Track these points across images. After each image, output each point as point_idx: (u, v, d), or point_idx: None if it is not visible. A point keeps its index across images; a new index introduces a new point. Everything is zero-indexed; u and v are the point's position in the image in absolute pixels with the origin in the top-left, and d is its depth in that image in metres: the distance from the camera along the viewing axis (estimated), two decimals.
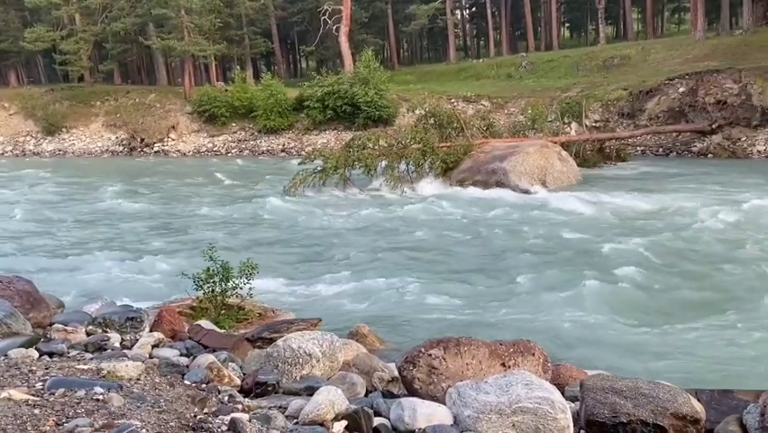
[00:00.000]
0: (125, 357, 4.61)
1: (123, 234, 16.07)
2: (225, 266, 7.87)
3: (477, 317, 9.21)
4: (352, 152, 22.15)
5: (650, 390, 3.80)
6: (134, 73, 58.73)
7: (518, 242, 13.86)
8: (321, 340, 4.80)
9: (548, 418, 3.61)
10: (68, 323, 5.40)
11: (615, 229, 14.51)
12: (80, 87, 46.48)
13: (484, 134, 24.11)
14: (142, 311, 5.75)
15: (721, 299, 9.56)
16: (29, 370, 4.12)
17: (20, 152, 41.50)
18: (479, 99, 36.79)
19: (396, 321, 9.11)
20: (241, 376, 4.63)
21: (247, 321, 7.88)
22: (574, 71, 39.98)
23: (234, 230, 16.23)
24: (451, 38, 55.34)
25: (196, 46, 42.78)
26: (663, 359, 7.54)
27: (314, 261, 13.02)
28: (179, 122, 41.18)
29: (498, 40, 59.51)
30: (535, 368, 4.52)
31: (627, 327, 8.62)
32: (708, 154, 27.47)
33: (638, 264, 11.61)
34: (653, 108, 30.14)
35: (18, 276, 5.95)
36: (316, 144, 34.97)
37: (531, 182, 20.32)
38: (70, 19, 48.20)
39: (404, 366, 4.40)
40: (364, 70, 36.49)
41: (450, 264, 12.19)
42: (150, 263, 12.71)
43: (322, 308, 9.44)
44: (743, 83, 27.39)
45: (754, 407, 3.64)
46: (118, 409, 3.50)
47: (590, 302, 9.58)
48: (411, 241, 14.42)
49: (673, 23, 68.52)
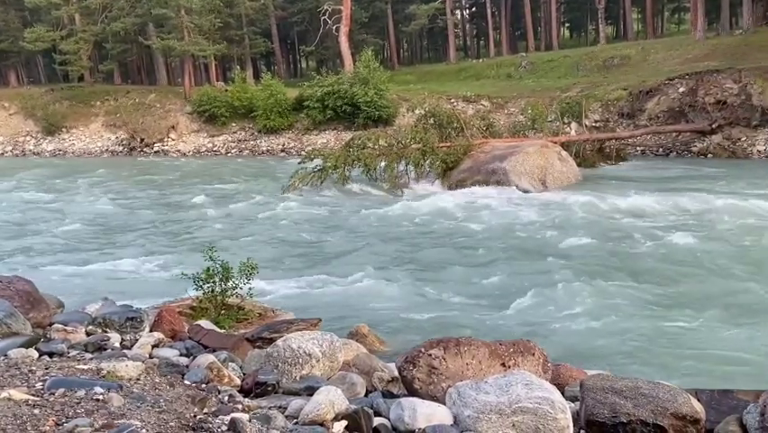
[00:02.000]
0: (125, 357, 4.61)
1: (122, 234, 16.07)
2: (225, 266, 7.86)
3: (477, 317, 9.21)
4: (351, 151, 22.16)
5: (650, 390, 3.80)
6: (134, 73, 58.74)
7: (518, 242, 13.86)
8: (321, 340, 4.80)
9: (548, 418, 3.61)
10: (68, 323, 5.39)
11: (615, 229, 14.51)
12: (80, 87, 46.47)
13: (484, 134, 24.11)
14: (142, 311, 5.75)
15: (722, 299, 9.55)
16: (29, 370, 4.12)
17: (20, 152, 41.50)
18: (479, 99, 36.79)
19: (396, 321, 9.12)
20: (241, 376, 4.63)
21: (247, 321, 7.88)
22: (574, 71, 39.99)
23: (234, 230, 16.23)
24: (451, 38, 55.35)
25: (196, 46, 42.78)
26: (663, 359, 7.54)
27: (314, 261, 13.01)
28: (179, 122, 41.18)
29: (498, 40, 59.52)
30: (535, 368, 4.52)
31: (627, 327, 8.61)
32: (708, 154, 27.48)
33: (638, 264, 11.62)
34: (653, 108, 30.15)
35: (18, 276, 5.94)
36: (316, 144, 34.98)
37: (531, 182, 20.32)
38: (70, 19, 48.20)
39: (404, 366, 4.40)
40: (364, 70, 36.49)
41: (450, 264, 12.18)
42: (150, 263, 12.71)
43: (322, 308, 9.43)
44: (743, 83, 27.39)
45: (754, 407, 3.64)
46: (118, 409, 3.50)
47: (590, 302, 9.59)
48: (411, 241, 14.42)
49: (673, 22, 68.55)
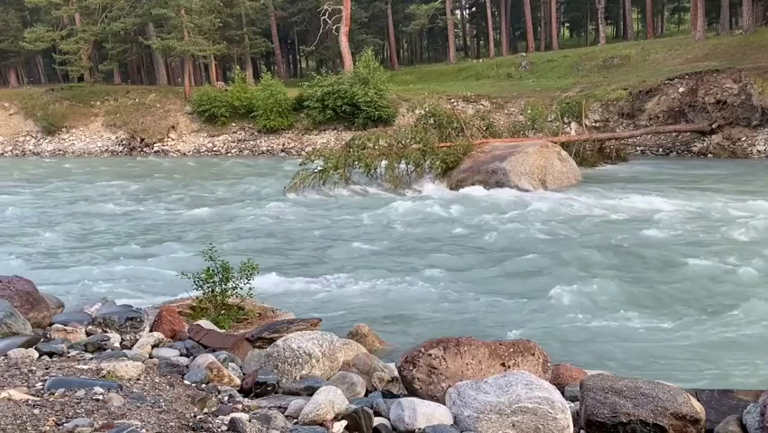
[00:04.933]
0: (125, 357, 4.61)
1: (122, 235, 16.06)
2: (225, 266, 7.87)
3: (477, 317, 9.21)
4: (351, 151, 22.17)
5: (650, 390, 3.80)
6: (134, 73, 58.74)
7: (518, 242, 13.86)
8: (321, 340, 4.80)
9: (548, 418, 3.61)
10: (68, 323, 5.40)
11: (615, 229, 14.51)
12: (80, 87, 46.47)
13: (484, 134, 24.12)
14: (142, 311, 5.76)
15: (722, 299, 9.56)
16: (29, 370, 4.12)
17: (20, 152, 41.51)
18: (478, 99, 36.80)
19: (396, 321, 9.12)
20: (241, 376, 4.63)
21: (247, 321, 7.88)
22: (574, 71, 39.97)
23: (234, 230, 16.23)
24: (451, 38, 55.34)
25: (195, 46, 42.78)
26: (663, 359, 7.54)
27: (314, 261, 13.02)
28: (179, 122, 41.19)
29: (498, 40, 59.51)
30: (535, 368, 4.52)
31: (628, 327, 8.62)
32: (708, 154, 27.49)
33: (639, 264, 11.62)
34: (653, 108, 30.15)
35: (18, 276, 5.94)
36: (316, 144, 34.99)
37: (531, 182, 20.32)
38: (70, 19, 48.22)
39: (404, 366, 4.40)
40: (364, 70, 36.49)
41: (450, 264, 12.18)
42: (150, 263, 12.71)
43: (322, 308, 9.44)
44: (743, 83, 27.39)
45: (753, 407, 3.64)
46: (118, 410, 3.50)
47: (590, 302, 9.59)
48: (411, 241, 14.42)
49: (673, 23, 68.55)
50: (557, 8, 57.69)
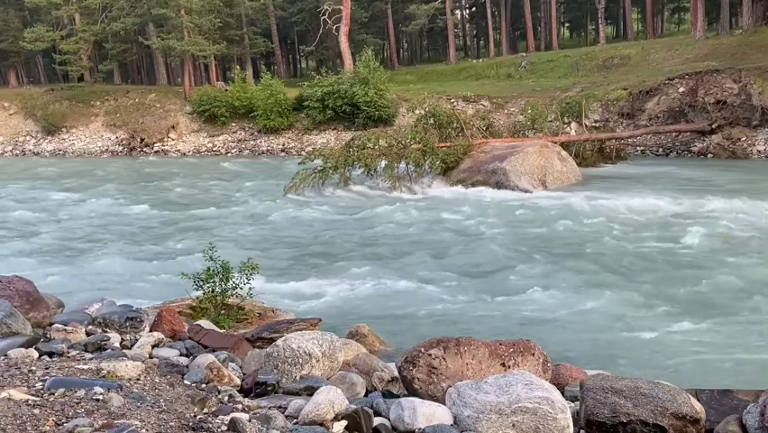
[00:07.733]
0: (125, 357, 4.61)
1: (122, 235, 16.06)
2: (226, 266, 7.87)
3: (477, 317, 9.21)
4: (351, 151, 22.17)
5: (650, 390, 3.80)
6: (134, 73, 58.72)
7: (518, 242, 13.86)
8: (321, 340, 4.80)
9: (548, 418, 3.61)
10: (68, 323, 5.39)
11: (614, 229, 14.51)
12: (80, 87, 46.42)
13: (484, 134, 24.12)
14: (142, 311, 5.75)
15: (721, 299, 9.57)
16: (29, 370, 4.11)
17: (20, 152, 41.49)
18: (478, 99, 36.79)
19: (396, 321, 9.12)
20: (241, 376, 4.63)
21: (247, 321, 7.89)
22: (574, 71, 39.96)
23: (234, 230, 16.24)
24: (451, 38, 55.32)
25: (195, 46, 42.75)
26: (663, 359, 7.54)
27: (314, 261, 13.01)
28: (179, 122, 41.16)
29: (498, 40, 59.49)
30: (535, 368, 4.52)
31: (628, 327, 8.62)
32: (708, 154, 27.49)
33: (638, 264, 11.63)
34: (653, 108, 30.15)
35: (18, 276, 5.93)
36: (316, 144, 34.95)
37: (531, 182, 20.33)
38: (70, 19, 48.18)
39: (404, 366, 4.40)
40: (364, 70, 36.47)
41: (449, 264, 12.19)
42: (151, 263, 12.72)
43: (322, 308, 9.45)
44: (743, 83, 27.39)
45: (754, 407, 3.64)
46: (118, 409, 3.50)
47: (591, 302, 9.59)
48: (411, 241, 14.42)
49: (673, 22, 68.55)
50: (557, 8, 57.69)
